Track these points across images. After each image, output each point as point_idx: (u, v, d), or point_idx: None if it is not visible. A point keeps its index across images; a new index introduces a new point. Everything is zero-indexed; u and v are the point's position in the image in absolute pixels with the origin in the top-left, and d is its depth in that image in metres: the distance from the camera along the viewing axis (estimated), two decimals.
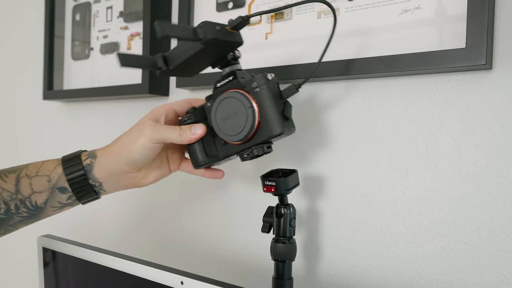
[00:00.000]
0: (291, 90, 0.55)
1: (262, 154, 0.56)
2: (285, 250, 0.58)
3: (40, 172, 0.58)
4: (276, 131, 0.53)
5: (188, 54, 0.54)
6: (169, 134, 0.56)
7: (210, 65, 0.59)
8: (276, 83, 0.56)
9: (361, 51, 0.63)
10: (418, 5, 0.59)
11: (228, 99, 0.55)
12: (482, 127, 0.56)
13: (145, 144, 0.56)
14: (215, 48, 0.55)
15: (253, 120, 0.53)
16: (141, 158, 0.57)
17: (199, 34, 0.51)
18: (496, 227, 0.55)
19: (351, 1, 0.64)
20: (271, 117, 0.53)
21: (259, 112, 0.53)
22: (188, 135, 0.56)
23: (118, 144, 0.58)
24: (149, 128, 0.56)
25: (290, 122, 0.56)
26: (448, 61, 0.55)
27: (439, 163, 0.58)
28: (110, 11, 0.98)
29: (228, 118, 0.55)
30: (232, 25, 0.54)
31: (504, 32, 0.54)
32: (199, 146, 0.59)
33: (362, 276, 0.65)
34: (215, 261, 0.81)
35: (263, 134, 0.54)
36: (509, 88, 0.54)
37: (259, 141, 0.54)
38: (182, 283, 0.52)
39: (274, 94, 0.54)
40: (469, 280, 0.56)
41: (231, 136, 0.55)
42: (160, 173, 0.62)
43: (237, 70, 0.58)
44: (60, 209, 0.59)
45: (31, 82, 1.21)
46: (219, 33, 0.53)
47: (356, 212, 0.65)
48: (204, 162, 0.59)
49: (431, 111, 0.59)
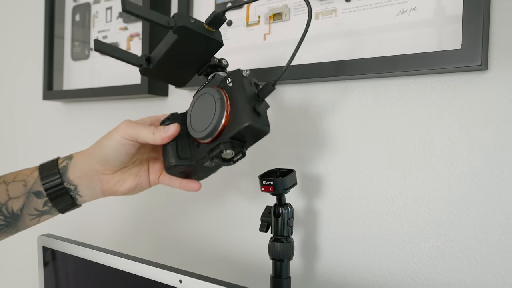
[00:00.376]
0: (267, 87, 0.51)
1: (233, 158, 0.52)
2: (283, 249, 0.59)
3: (17, 178, 0.57)
4: (243, 123, 0.48)
5: (165, 48, 0.54)
6: (142, 131, 0.54)
7: (196, 72, 0.59)
8: (253, 82, 0.53)
9: (359, 51, 0.63)
10: (414, 6, 0.59)
11: (203, 96, 0.54)
12: (478, 127, 0.56)
13: (118, 140, 0.54)
14: (191, 42, 0.53)
15: (221, 111, 0.50)
16: (113, 155, 0.55)
17: (171, 22, 0.51)
18: (492, 226, 0.55)
19: (348, 2, 0.65)
20: (241, 110, 0.49)
21: (229, 106, 0.51)
22: (161, 133, 0.54)
23: (94, 144, 0.58)
24: (124, 124, 0.55)
25: (262, 118, 0.50)
26: (444, 62, 0.55)
27: (436, 163, 0.59)
28: (110, 11, 0.99)
29: (200, 114, 0.53)
30: (207, 20, 0.53)
31: (499, 34, 0.54)
32: (172, 147, 0.56)
33: (360, 275, 0.65)
34: (214, 260, 0.82)
35: (231, 128, 0.50)
36: (505, 89, 0.54)
37: (227, 137, 0.50)
38: (181, 282, 0.52)
39: (248, 89, 0.51)
40: (465, 279, 0.57)
41: (200, 132, 0.52)
42: (138, 181, 0.59)
43: (218, 74, 0.57)
44: (38, 218, 0.58)
45: (31, 82, 1.21)
46: (193, 24, 0.51)
47: (354, 211, 0.66)
48: (175, 164, 0.55)
49: (428, 111, 0.60)
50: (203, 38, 0.53)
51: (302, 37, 0.51)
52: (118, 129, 0.55)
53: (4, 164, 1.31)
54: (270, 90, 0.51)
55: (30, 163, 1.21)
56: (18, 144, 1.26)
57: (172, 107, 0.89)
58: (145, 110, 0.93)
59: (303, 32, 0.51)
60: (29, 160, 1.23)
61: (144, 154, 0.61)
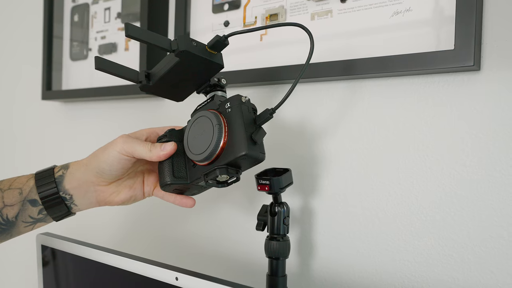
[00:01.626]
0: (265, 115, 0.52)
1: (227, 181, 0.53)
2: (279, 247, 0.59)
3: (13, 185, 0.58)
4: (239, 152, 0.50)
5: (166, 69, 0.55)
6: (139, 147, 0.55)
7: (195, 90, 0.60)
8: (251, 108, 0.54)
9: (354, 52, 0.64)
10: (409, 7, 0.60)
11: (201, 118, 0.55)
12: (471, 127, 0.57)
13: (114, 155, 0.55)
14: (192, 64, 0.54)
15: (218, 138, 0.51)
16: (108, 169, 0.56)
17: (173, 45, 0.52)
18: (484, 225, 0.56)
19: (343, 3, 0.65)
20: (238, 138, 0.51)
21: (227, 132, 0.52)
22: (157, 151, 0.55)
23: (91, 155, 0.59)
24: (121, 139, 0.56)
25: (258, 146, 0.52)
26: (437, 62, 0.56)
27: (429, 163, 0.60)
28: (108, 12, 0.99)
29: (197, 136, 0.54)
30: (210, 44, 0.54)
31: (491, 34, 0.55)
32: (168, 166, 0.57)
33: (355, 274, 0.66)
34: (210, 258, 0.82)
35: (227, 155, 0.51)
36: (497, 88, 0.55)
37: (223, 163, 0.51)
38: (177, 279, 0.53)
39: (246, 116, 0.52)
40: (458, 277, 0.58)
41: (197, 155, 0.54)
42: (132, 193, 0.60)
43: (217, 94, 0.58)
44: (32, 225, 0.59)
45: (30, 82, 1.22)
46: (194, 48, 0.53)
47: (349, 210, 0.66)
48: (171, 182, 0.56)
49: (422, 111, 0.60)
50: (204, 61, 0.54)
51: (305, 66, 0.53)
52: (115, 144, 0.56)
53: (4, 163, 1.32)
54: (268, 119, 0.52)
55: (28, 163, 1.22)
56: (17, 144, 1.27)
57: (170, 108, 0.89)
58: (143, 110, 0.94)
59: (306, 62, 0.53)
60: (28, 160, 1.23)
61: (139, 167, 0.62)
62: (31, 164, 1.22)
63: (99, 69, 0.53)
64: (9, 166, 1.30)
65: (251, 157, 0.51)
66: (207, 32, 0.81)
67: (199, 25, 0.82)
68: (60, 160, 1.09)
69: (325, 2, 0.67)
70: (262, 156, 0.52)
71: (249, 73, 0.73)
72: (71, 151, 1.10)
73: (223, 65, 0.56)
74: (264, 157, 0.52)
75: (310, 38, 0.54)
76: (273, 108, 0.52)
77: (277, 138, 0.73)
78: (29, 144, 1.23)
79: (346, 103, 0.67)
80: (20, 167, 1.25)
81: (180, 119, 0.81)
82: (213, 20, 0.80)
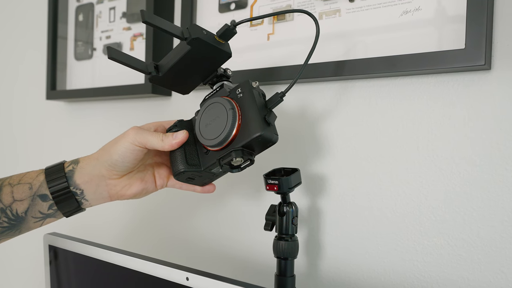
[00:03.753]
0: (275, 99, 0.54)
1: (242, 165, 0.54)
2: (287, 247, 0.59)
3: (23, 180, 0.57)
4: (255, 132, 0.51)
5: (176, 58, 0.55)
6: (151, 138, 0.55)
7: (202, 81, 0.60)
8: (261, 93, 0.55)
9: (362, 51, 0.64)
10: (418, 7, 0.60)
11: (213, 105, 0.56)
12: (481, 126, 0.57)
13: (126, 146, 0.56)
14: (202, 53, 0.55)
15: (233, 121, 0.52)
16: (121, 160, 0.56)
17: (185, 33, 0.53)
18: (495, 224, 0.56)
19: (352, 2, 0.65)
20: (252, 119, 0.52)
21: (240, 115, 0.53)
22: (169, 140, 0.56)
23: (101, 149, 0.58)
24: (133, 131, 0.56)
25: (272, 127, 0.53)
26: (447, 61, 0.56)
27: (439, 162, 0.59)
28: (113, 11, 0.99)
29: (210, 123, 0.55)
30: (219, 33, 0.55)
31: (502, 33, 0.55)
32: (181, 154, 0.57)
33: (363, 274, 0.66)
34: (219, 258, 0.82)
35: (243, 137, 0.52)
36: (508, 88, 0.55)
37: (238, 145, 0.52)
38: (188, 279, 0.53)
39: (257, 100, 0.53)
40: (468, 277, 0.57)
41: (211, 140, 0.54)
42: (144, 186, 0.60)
43: (226, 84, 0.59)
44: (42, 221, 0.58)
45: (34, 82, 1.21)
46: (206, 36, 0.54)
47: (357, 210, 0.66)
48: (184, 170, 0.56)
49: (432, 110, 0.60)
50: (214, 49, 0.55)
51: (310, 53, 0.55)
52: (127, 135, 0.56)
53: (9, 162, 1.32)
54: (278, 102, 0.54)
55: (33, 161, 1.22)
56: (22, 143, 1.26)
57: (175, 107, 0.89)
58: (149, 110, 0.94)
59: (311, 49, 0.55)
60: (32, 159, 1.23)
61: (148, 159, 0.62)
62: (35, 163, 1.22)
63: (112, 58, 0.54)
64: (14, 164, 1.30)
65: (266, 138, 0.52)
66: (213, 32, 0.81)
67: (205, 25, 0.82)
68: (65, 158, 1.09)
69: (333, 1, 0.67)
70: (276, 137, 0.53)
71: (257, 73, 0.73)
72: (76, 150, 1.10)
73: (231, 54, 0.57)
74: (277, 138, 0.53)
75: (316, 23, 0.56)
76: (283, 91, 0.54)
77: (285, 138, 0.73)
78: (34, 143, 1.23)
79: (354, 103, 0.66)
80: (25, 165, 1.25)
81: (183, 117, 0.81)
82: (219, 19, 0.80)
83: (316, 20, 0.56)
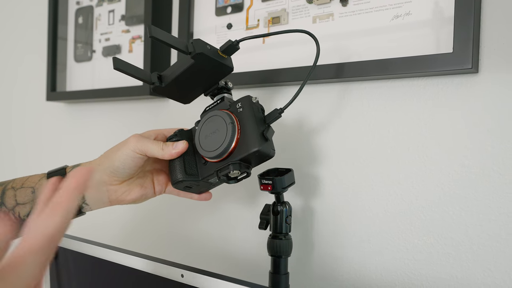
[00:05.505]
0: (274, 114, 0.56)
1: (238, 176, 0.56)
2: (281, 246, 0.61)
3: (26, 184, 0.59)
4: (253, 147, 0.53)
5: (180, 70, 0.57)
6: (152, 146, 0.57)
7: (203, 92, 0.62)
8: (260, 108, 0.57)
9: (355, 55, 0.65)
10: (408, 11, 0.61)
11: (213, 118, 0.57)
12: (469, 128, 0.58)
13: (127, 153, 0.57)
14: (205, 66, 0.57)
15: (232, 135, 0.54)
16: (122, 167, 0.58)
17: (190, 48, 0.54)
18: (482, 223, 0.57)
19: (345, 6, 0.67)
20: (250, 135, 0.53)
21: (239, 130, 0.54)
22: (169, 149, 0.57)
23: (103, 155, 0.60)
24: (134, 139, 0.58)
25: (269, 143, 0.55)
26: (436, 65, 0.57)
27: (429, 163, 0.61)
28: (112, 14, 1.00)
29: (210, 135, 0.57)
30: (222, 48, 0.56)
31: (489, 38, 0.56)
32: (180, 163, 0.59)
33: (356, 272, 0.67)
34: (215, 256, 0.83)
35: (241, 151, 0.54)
36: (495, 90, 0.56)
37: (236, 158, 0.54)
38: (183, 276, 0.54)
39: (256, 116, 0.55)
40: (457, 274, 0.59)
41: (210, 152, 0.56)
42: (143, 192, 0.62)
43: (226, 97, 0.60)
44: None
45: (34, 83, 1.23)
46: (209, 51, 0.55)
47: (350, 210, 0.68)
48: (182, 179, 0.58)
49: (421, 112, 0.62)
50: (217, 64, 0.57)
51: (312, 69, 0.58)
52: (128, 143, 0.58)
53: (7, 163, 1.33)
54: (277, 118, 0.56)
55: (33, 162, 1.23)
56: (22, 145, 1.28)
57: (173, 109, 0.91)
58: (147, 112, 0.95)
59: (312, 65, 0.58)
60: (32, 161, 1.24)
61: (148, 166, 0.64)
62: (36, 163, 1.24)
63: (117, 69, 0.56)
64: (13, 165, 1.31)
65: (263, 153, 0.54)
66: (210, 35, 0.82)
67: (202, 28, 0.83)
68: (65, 160, 1.10)
69: (327, 5, 0.68)
70: (273, 152, 0.55)
71: (251, 75, 0.75)
72: (75, 151, 1.11)
73: (233, 68, 0.59)
74: (274, 153, 0.56)
75: (317, 44, 0.58)
76: (282, 108, 0.56)
77: (279, 139, 0.74)
78: (33, 144, 1.24)
79: (347, 105, 0.68)
80: (25, 166, 1.26)
81: (181, 120, 0.83)
82: (216, 22, 0.81)
83: (316, 40, 0.58)
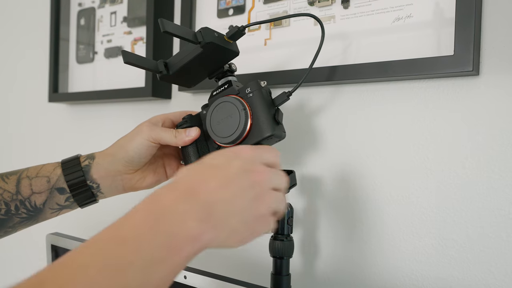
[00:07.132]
0: (282, 97, 0.58)
1: None
2: (283, 247, 0.61)
3: (40, 173, 0.60)
4: (267, 132, 0.55)
5: (187, 58, 0.58)
6: (165, 134, 0.58)
7: (207, 76, 0.63)
8: (268, 91, 0.59)
9: (356, 57, 0.66)
10: (409, 14, 0.61)
11: (223, 103, 0.58)
12: (470, 130, 0.58)
13: (142, 142, 0.58)
14: (212, 53, 0.58)
15: (245, 121, 0.56)
16: (137, 157, 0.59)
17: (199, 37, 0.55)
18: (483, 225, 0.57)
19: (346, 9, 0.67)
20: (263, 120, 0.55)
21: (252, 115, 0.56)
22: (182, 136, 0.58)
23: (115, 145, 0.61)
24: (147, 127, 0.59)
25: (281, 126, 0.58)
26: (437, 67, 0.57)
27: (430, 165, 0.61)
28: (114, 16, 1.01)
29: (222, 121, 0.58)
30: (229, 34, 0.58)
31: (490, 40, 0.57)
32: (193, 150, 0.60)
33: (357, 273, 0.67)
34: (217, 258, 0.84)
35: (254, 136, 0.56)
36: (495, 93, 0.57)
37: (250, 143, 0.56)
38: (186, 278, 0.55)
39: (266, 100, 0.57)
40: (458, 275, 0.59)
41: (224, 138, 0.57)
42: (156, 178, 0.63)
43: (232, 80, 0.61)
44: (58, 212, 0.61)
45: (36, 85, 1.23)
46: (217, 39, 0.56)
47: (351, 211, 0.68)
48: None
49: (422, 114, 0.62)
50: (224, 50, 0.58)
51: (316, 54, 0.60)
52: (141, 132, 0.59)
53: (11, 162, 1.33)
54: (285, 100, 0.58)
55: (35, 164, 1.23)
56: (25, 146, 1.28)
57: (175, 109, 0.91)
58: (149, 113, 0.96)
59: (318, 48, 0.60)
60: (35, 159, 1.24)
61: (158, 151, 0.64)
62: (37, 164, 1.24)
63: (128, 63, 0.57)
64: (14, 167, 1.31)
65: (276, 137, 0.56)
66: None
67: None
68: None
69: (328, 8, 0.68)
70: (284, 135, 0.58)
71: (254, 77, 0.75)
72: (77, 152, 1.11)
73: (238, 52, 0.61)
74: (285, 135, 0.59)
75: (321, 26, 0.60)
76: (290, 91, 0.58)
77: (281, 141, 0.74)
78: (36, 145, 1.24)
79: (348, 107, 0.68)
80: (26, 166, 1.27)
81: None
82: (218, 24, 0.82)
83: (321, 23, 0.60)
